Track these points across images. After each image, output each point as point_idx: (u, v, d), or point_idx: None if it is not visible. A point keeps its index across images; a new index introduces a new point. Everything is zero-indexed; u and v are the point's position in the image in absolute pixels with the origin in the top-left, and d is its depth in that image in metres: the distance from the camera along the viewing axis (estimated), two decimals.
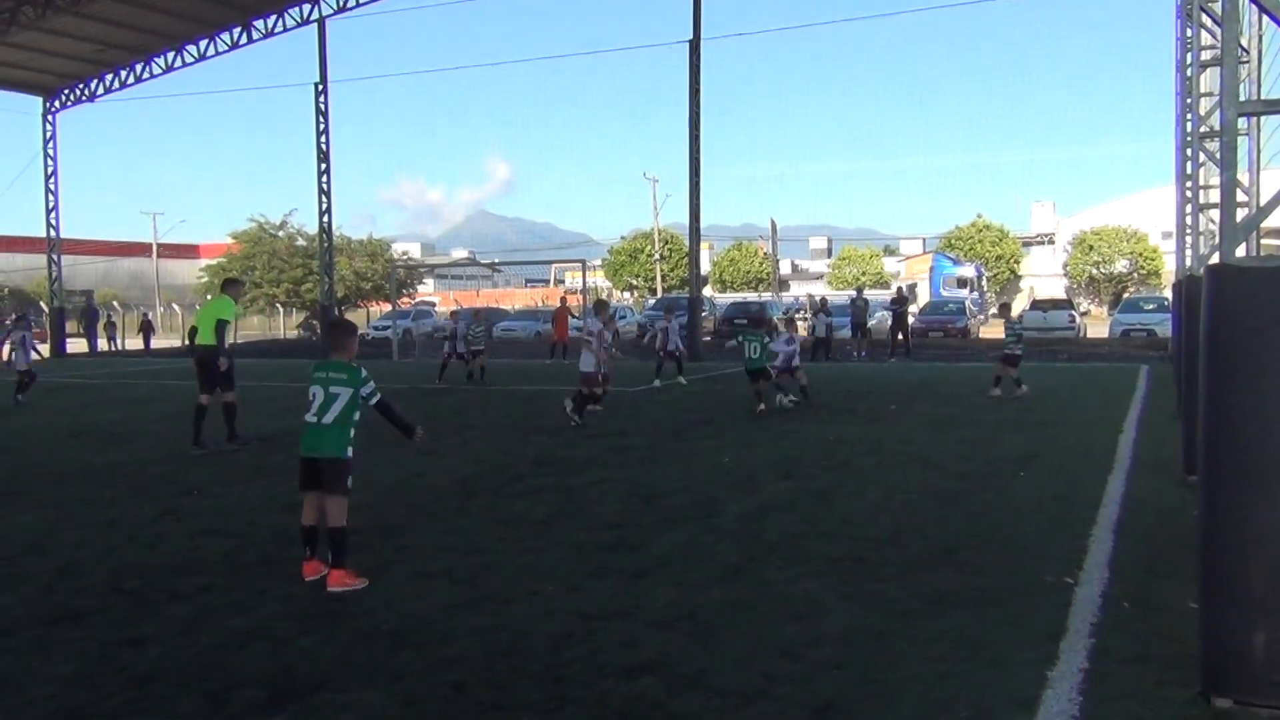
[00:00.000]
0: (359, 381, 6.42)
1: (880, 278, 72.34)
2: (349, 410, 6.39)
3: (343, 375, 6.42)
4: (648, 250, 77.36)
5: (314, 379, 6.43)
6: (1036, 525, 7.55)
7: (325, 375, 6.42)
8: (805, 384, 16.00)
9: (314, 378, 6.43)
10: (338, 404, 6.36)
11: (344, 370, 6.45)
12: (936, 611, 5.54)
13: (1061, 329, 35.78)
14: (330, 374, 6.42)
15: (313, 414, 6.37)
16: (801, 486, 9.26)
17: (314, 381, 6.42)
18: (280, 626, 5.51)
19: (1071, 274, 66.45)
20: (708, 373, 22.98)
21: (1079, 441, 11.64)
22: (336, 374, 6.42)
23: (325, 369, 6.47)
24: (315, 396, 6.37)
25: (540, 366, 26.08)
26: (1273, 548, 4.07)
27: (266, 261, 56.47)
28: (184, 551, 7.27)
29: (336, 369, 6.46)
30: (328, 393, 6.36)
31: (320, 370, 6.46)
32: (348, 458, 6.42)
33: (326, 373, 6.43)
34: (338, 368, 6.48)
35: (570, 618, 5.55)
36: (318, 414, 6.35)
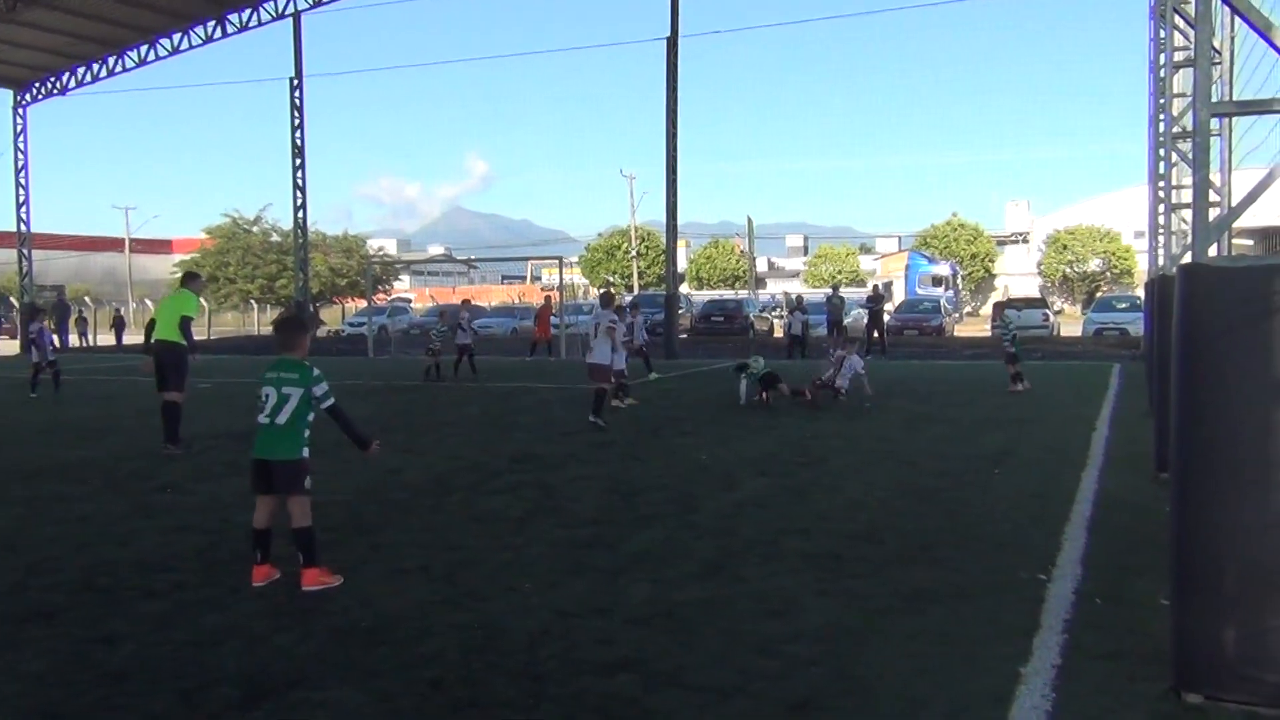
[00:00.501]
0: (310, 381, 6.27)
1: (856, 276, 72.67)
2: (302, 410, 6.24)
3: (294, 375, 6.28)
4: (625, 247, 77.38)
5: (265, 379, 6.30)
6: (1012, 522, 7.60)
7: (277, 375, 6.29)
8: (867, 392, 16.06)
9: (265, 378, 6.31)
10: (290, 404, 6.21)
11: (296, 369, 6.31)
12: (913, 608, 5.57)
13: (1035, 328, 36.00)
14: (282, 374, 6.29)
15: (265, 415, 6.24)
16: (778, 483, 9.28)
17: (265, 382, 6.29)
18: (255, 624, 5.48)
19: (1045, 273, 66.92)
20: (684, 370, 23.00)
21: (1053, 439, 11.73)
22: (288, 374, 6.29)
23: (277, 368, 6.33)
24: (268, 397, 6.24)
25: (519, 363, 26.02)
26: (1244, 544, 4.11)
27: (241, 257, 56.09)
28: (157, 548, 7.21)
29: (288, 368, 6.32)
30: (280, 393, 6.23)
31: (272, 370, 6.33)
32: (304, 458, 6.27)
33: (278, 372, 6.30)
34: (289, 367, 6.34)
35: (547, 615, 5.55)
36: (270, 415, 6.22)
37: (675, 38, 28.68)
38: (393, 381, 20.90)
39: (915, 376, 20.56)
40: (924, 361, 25.60)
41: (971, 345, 32.26)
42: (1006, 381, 17.24)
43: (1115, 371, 21.06)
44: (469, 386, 19.77)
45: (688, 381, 20.39)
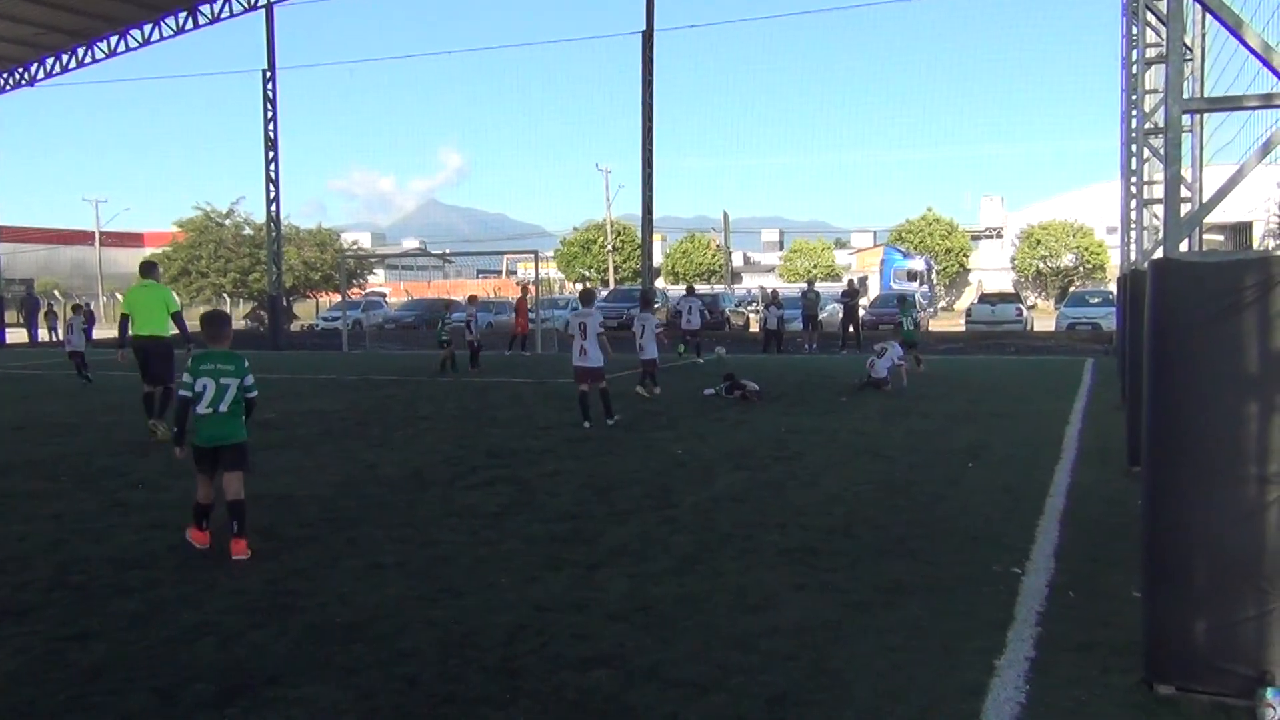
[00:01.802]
0: (244, 371, 6.87)
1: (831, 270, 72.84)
2: (239, 397, 6.84)
3: (230, 366, 6.81)
4: (600, 242, 77.28)
5: (200, 371, 6.76)
6: (985, 516, 7.66)
7: (214, 367, 6.78)
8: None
9: (200, 370, 6.76)
10: (230, 393, 6.79)
11: (231, 361, 6.84)
12: (888, 601, 5.61)
13: (1009, 322, 36.19)
14: (218, 365, 6.79)
15: (208, 405, 6.74)
16: (755, 478, 9.31)
17: (201, 374, 6.75)
18: (230, 621, 5.45)
19: (1019, 268, 67.30)
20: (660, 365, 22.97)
21: (1027, 433, 11.82)
22: (224, 365, 6.80)
23: (211, 360, 6.81)
24: (206, 389, 6.73)
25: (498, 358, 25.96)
26: (1215, 537, 4.17)
27: (213, 251, 55.59)
28: (131, 545, 7.16)
29: (223, 360, 6.83)
30: (219, 384, 6.75)
31: (207, 362, 6.80)
32: (247, 439, 6.98)
33: (214, 364, 6.79)
34: (224, 358, 6.84)
35: (524, 610, 5.55)
36: (212, 405, 6.75)
37: (650, 32, 28.70)
38: (368, 376, 20.80)
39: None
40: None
41: (946, 340, 32.44)
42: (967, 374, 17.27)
43: (1088, 366, 21.22)
44: (444, 382, 19.71)
45: (664, 376, 20.36)
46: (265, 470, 10.04)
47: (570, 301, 46.46)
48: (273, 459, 10.69)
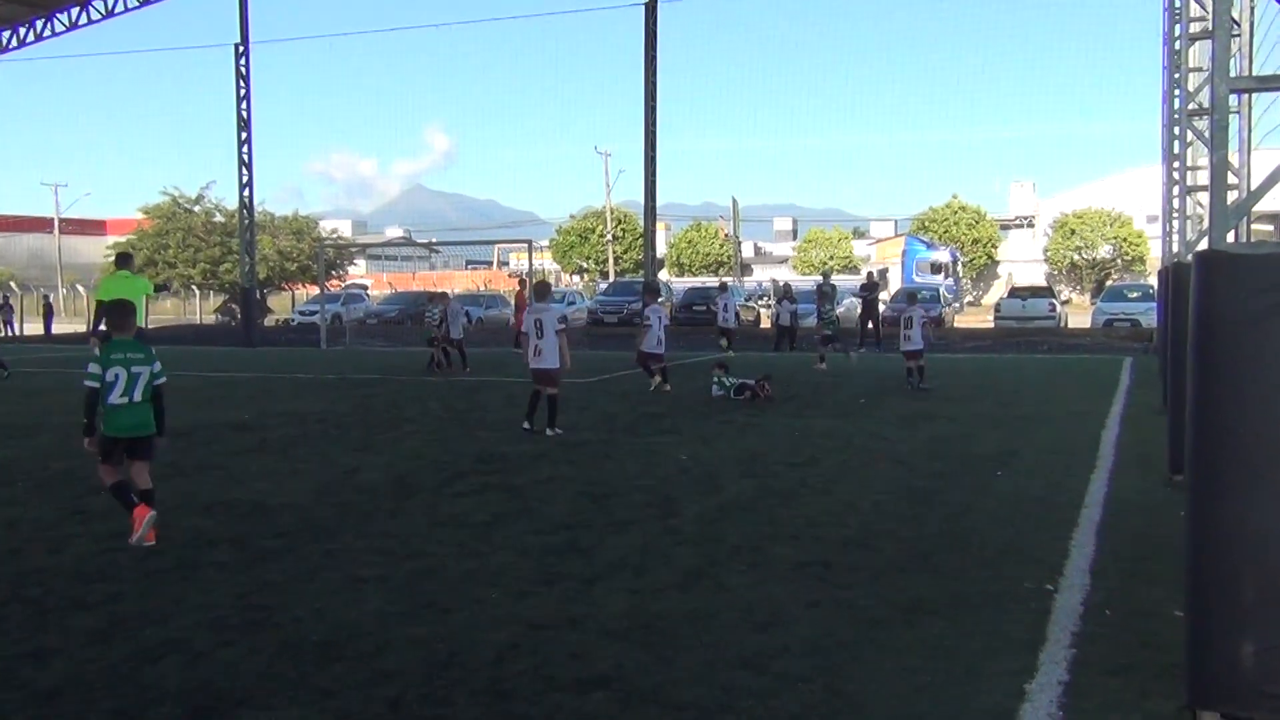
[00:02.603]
0: (153, 359, 7.37)
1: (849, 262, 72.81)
2: (148, 385, 7.29)
3: (140, 355, 7.29)
4: (599, 230, 77.28)
5: (111, 361, 7.16)
6: (1015, 528, 7.65)
7: (124, 356, 7.21)
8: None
9: (111, 359, 7.17)
10: (142, 381, 7.24)
11: (140, 350, 7.33)
12: (909, 620, 5.60)
13: (1041, 318, 36.18)
14: (129, 354, 7.24)
15: (122, 395, 7.16)
16: (765, 485, 9.31)
17: (112, 364, 7.15)
18: (198, 638, 5.45)
19: (1052, 259, 67.30)
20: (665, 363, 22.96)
21: (1059, 438, 11.81)
22: (134, 354, 7.27)
23: (122, 349, 7.26)
24: (119, 378, 7.15)
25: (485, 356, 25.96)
26: (1264, 552, 4.15)
27: (181, 239, 55.64)
28: (92, 556, 7.16)
29: (132, 349, 7.31)
30: (130, 373, 7.18)
31: (117, 351, 7.23)
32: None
33: (125, 353, 7.23)
34: (133, 347, 7.33)
35: (516, 627, 5.54)
36: (127, 394, 7.18)
37: (654, 2, 28.66)
38: (348, 375, 20.81)
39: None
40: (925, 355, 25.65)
41: (973, 337, 32.44)
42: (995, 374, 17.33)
43: (1126, 365, 21.22)
44: (431, 382, 19.72)
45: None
46: (237, 476, 10.05)
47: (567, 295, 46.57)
48: (246, 464, 10.70)
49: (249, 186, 34.28)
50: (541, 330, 12.37)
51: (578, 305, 45.08)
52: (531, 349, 12.46)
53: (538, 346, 12.38)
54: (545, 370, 12.43)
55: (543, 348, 12.37)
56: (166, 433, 7.73)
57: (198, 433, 12.84)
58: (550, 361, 12.38)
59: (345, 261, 63.70)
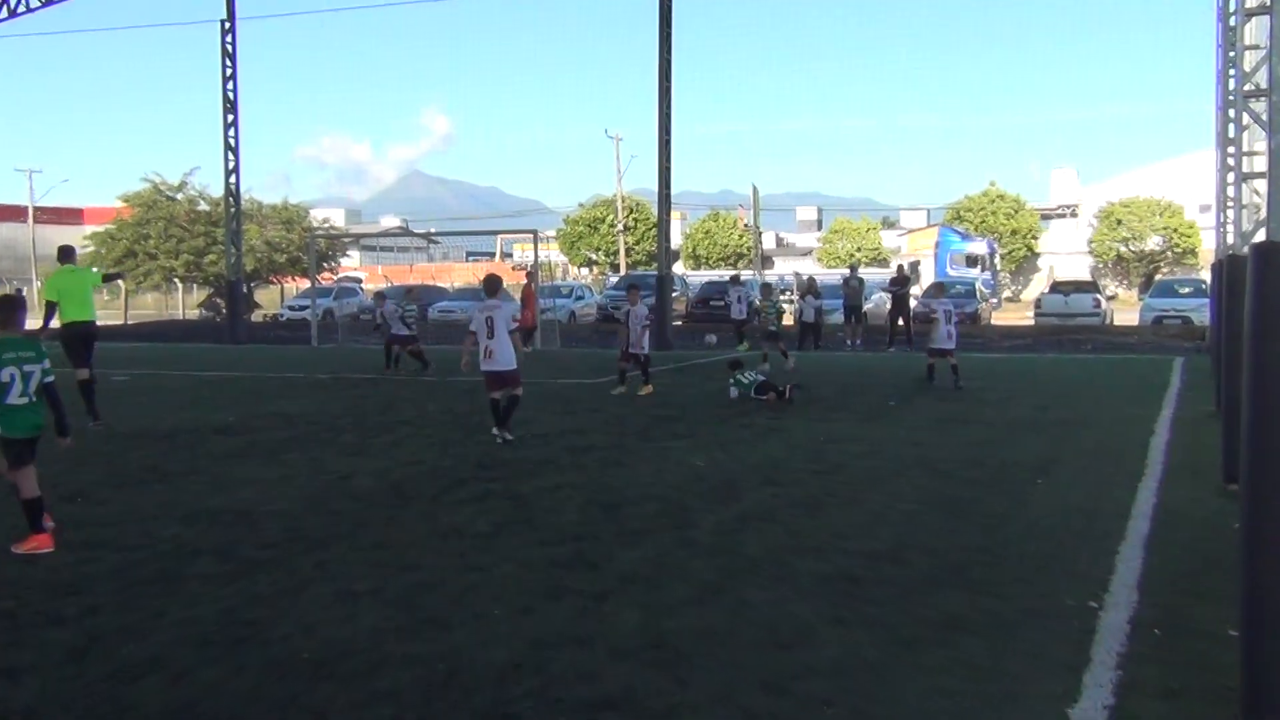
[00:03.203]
0: (44, 356, 7.59)
1: (878, 254, 72.73)
2: (40, 383, 7.52)
3: (30, 353, 7.51)
4: (609, 220, 77.32)
5: (4, 360, 7.35)
6: (1056, 540, 7.63)
7: (15, 355, 7.42)
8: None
9: (4, 359, 7.35)
10: (34, 379, 7.48)
11: (30, 348, 7.55)
12: (943, 639, 5.59)
13: (1085, 315, 36.08)
14: (19, 353, 7.45)
15: (19, 395, 7.38)
16: (787, 494, 9.30)
17: (5, 363, 7.34)
18: (180, 655, 5.47)
19: (1097, 252, 67.09)
20: (679, 362, 23.02)
21: (1105, 445, 11.78)
22: (25, 352, 7.49)
23: (12, 348, 7.44)
24: (13, 379, 7.35)
25: None
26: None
27: (163, 229, 55.79)
28: (67, 567, 7.19)
29: (23, 347, 7.52)
30: (23, 371, 7.41)
31: (8, 350, 7.42)
32: None
33: (15, 352, 7.43)
34: (22, 345, 7.55)
35: (520, 645, 5.55)
36: (24, 394, 7.41)
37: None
38: (341, 374, 20.86)
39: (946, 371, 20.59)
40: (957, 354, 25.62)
41: (1011, 335, 32.36)
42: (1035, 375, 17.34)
43: (1177, 366, 21.15)
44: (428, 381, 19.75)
45: (683, 375, 20.40)
46: (222, 482, 10.08)
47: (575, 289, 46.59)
48: (231, 469, 10.73)
49: (235, 173, 34.35)
50: (492, 329, 12.05)
51: (586, 300, 45.11)
52: (482, 350, 12.14)
53: (488, 348, 12.08)
54: (499, 373, 12.21)
55: (494, 349, 12.07)
56: (70, 432, 7.96)
57: (180, 435, 12.88)
58: (504, 363, 12.14)
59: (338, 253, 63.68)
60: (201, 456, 11.51)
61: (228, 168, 34.21)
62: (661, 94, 28.80)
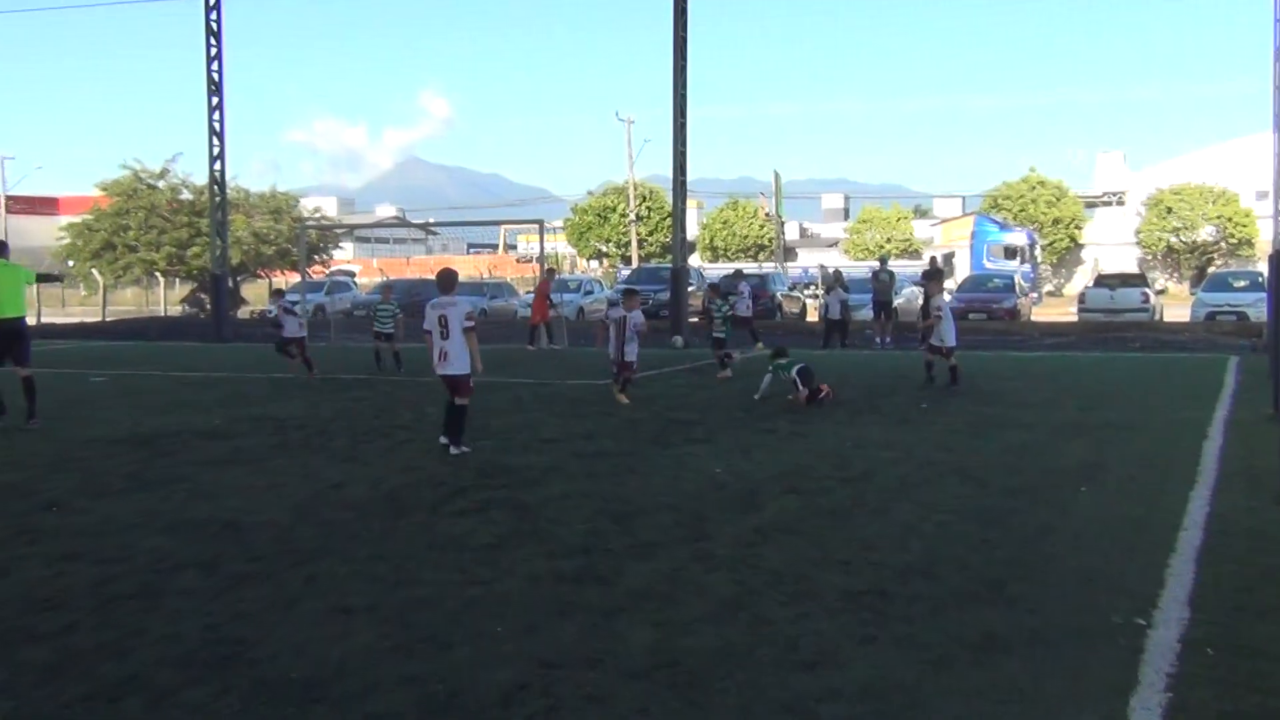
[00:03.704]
0: None
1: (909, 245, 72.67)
2: None
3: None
4: (621, 209, 77.36)
5: None
6: (1101, 552, 7.61)
7: None
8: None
9: None
10: None
11: None
12: (979, 659, 5.59)
13: (1132, 311, 36.00)
14: None
15: None
16: (811, 503, 9.30)
17: None
18: (162, 675, 5.49)
19: (1145, 242, 66.94)
20: (695, 362, 23.02)
21: (1154, 449, 11.74)
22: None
23: None
24: None
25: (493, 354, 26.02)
26: None
27: (143, 219, 55.95)
28: (42, 581, 7.22)
29: None
30: None
31: None
32: None
33: None
34: None
35: (525, 665, 5.56)
36: None
37: None
38: (333, 374, 20.91)
39: (982, 371, 20.57)
40: (993, 352, 25.60)
41: (1053, 332, 32.29)
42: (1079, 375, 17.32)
43: (1231, 366, 21.06)
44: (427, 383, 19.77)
45: (700, 376, 20.40)
46: (207, 490, 10.11)
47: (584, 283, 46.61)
48: (216, 476, 10.76)
49: (220, 159, 34.44)
50: (447, 329, 11.75)
51: (596, 295, 45.12)
52: (437, 353, 11.84)
53: (443, 349, 11.80)
54: (449, 377, 11.92)
55: (448, 350, 11.78)
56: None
57: (161, 440, 12.92)
58: (457, 368, 11.82)
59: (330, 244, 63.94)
60: (184, 463, 11.54)
61: (212, 154, 34.29)
62: (676, 73, 28.79)
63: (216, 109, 33.97)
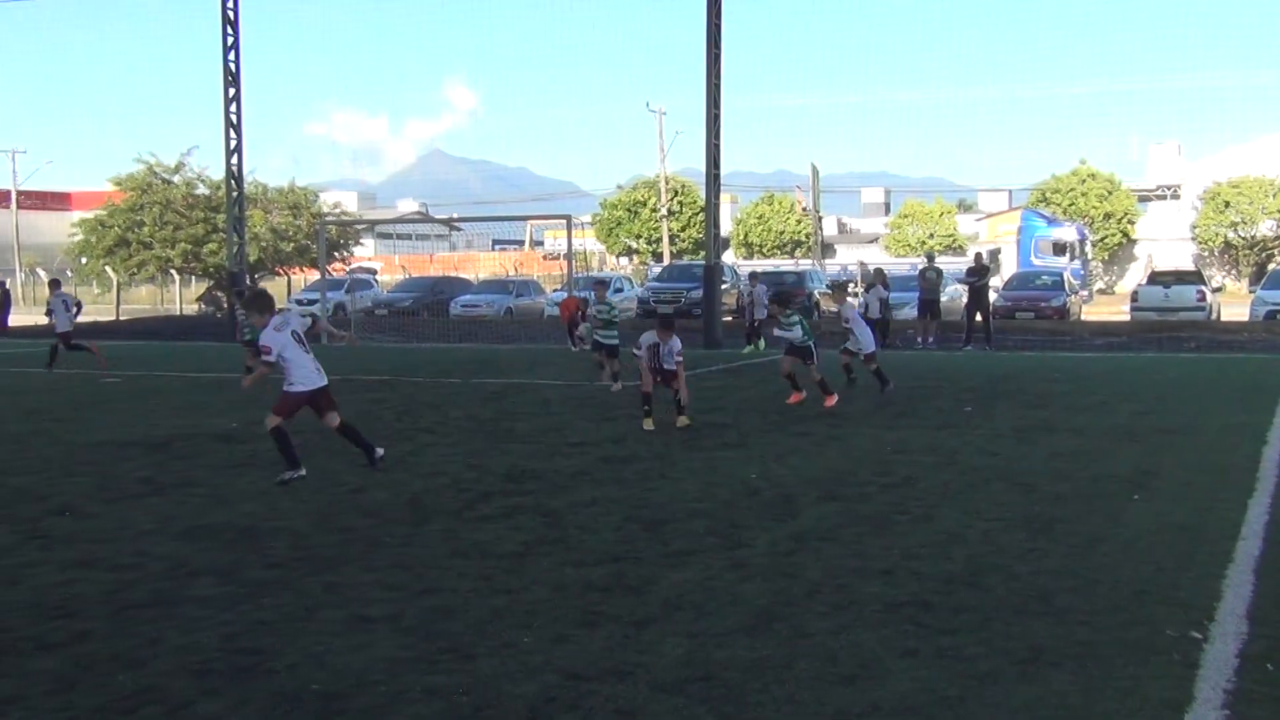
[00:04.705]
0: None
1: (953, 241, 72.37)
2: None
3: None
4: (652, 204, 77.39)
5: None
6: (1155, 563, 7.56)
7: None
8: None
9: None
10: None
11: None
12: (1025, 673, 5.56)
13: (1187, 309, 35.79)
14: None
15: None
16: (850, 510, 9.28)
17: None
18: (177, 686, 5.52)
19: (1201, 238, 66.50)
20: (729, 363, 23.01)
21: (1210, 455, 11.66)
22: None
23: None
24: None
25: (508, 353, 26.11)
26: None
27: (158, 215, 56.42)
28: (54, 588, 7.27)
29: None
30: None
31: None
32: None
33: None
34: None
35: (552, 677, 5.57)
36: None
37: None
38: (353, 376, 20.99)
39: (1029, 372, 20.49)
40: (1041, 353, 25.50)
41: (1104, 332, 32.11)
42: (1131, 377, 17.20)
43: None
44: (452, 384, 19.84)
45: (734, 377, 20.40)
46: (223, 495, 10.17)
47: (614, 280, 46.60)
48: (233, 481, 10.82)
49: (238, 153, 34.65)
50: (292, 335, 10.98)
51: (626, 293, 45.13)
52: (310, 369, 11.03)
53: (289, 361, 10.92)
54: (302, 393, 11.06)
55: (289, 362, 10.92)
56: None
57: (176, 444, 13.01)
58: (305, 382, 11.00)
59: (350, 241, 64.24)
60: (200, 467, 11.62)
61: (229, 147, 34.50)
62: (710, 63, 28.77)
63: (233, 101, 34.15)
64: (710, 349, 27.27)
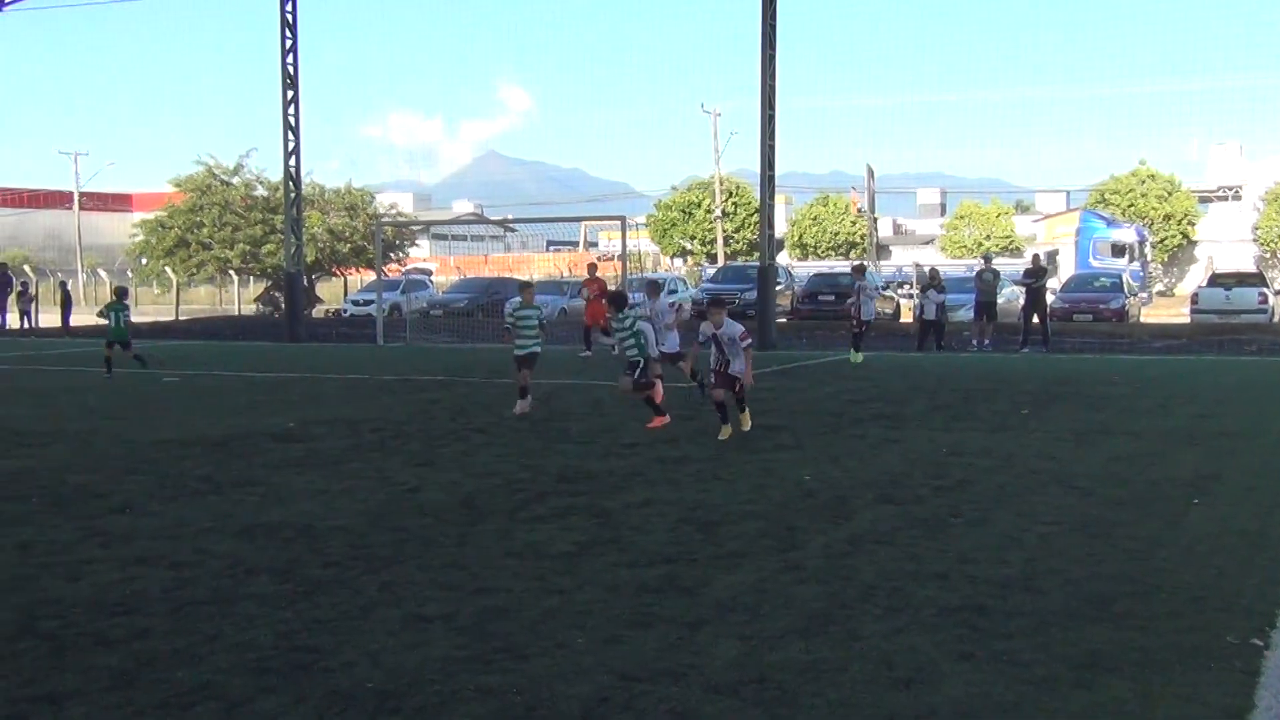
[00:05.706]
0: None
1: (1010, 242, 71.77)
2: None
3: None
4: (706, 205, 77.29)
5: None
6: (1215, 568, 7.48)
7: None
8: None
9: None
10: None
11: None
12: (1082, 679, 5.51)
13: (1249, 312, 35.36)
14: None
15: None
16: (905, 513, 9.23)
17: None
18: (235, 683, 5.57)
19: (1264, 239, 65.63)
20: (783, 365, 22.95)
21: (1271, 459, 11.52)
22: None
23: None
24: None
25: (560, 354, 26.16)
26: None
27: (217, 216, 57.03)
28: (114, 584, 7.36)
29: None
30: None
31: None
32: None
33: None
34: None
35: (605, 678, 5.57)
36: None
37: None
38: (409, 376, 21.14)
39: (1088, 375, 20.30)
40: (1100, 355, 25.25)
41: (1164, 334, 31.75)
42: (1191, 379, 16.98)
43: None
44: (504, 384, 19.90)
45: (788, 379, 20.34)
46: (280, 494, 10.26)
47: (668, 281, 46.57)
48: (290, 480, 10.91)
49: (295, 154, 34.92)
50: None
51: (680, 294, 45.04)
52: None
53: None
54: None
55: None
56: None
57: (234, 443, 13.14)
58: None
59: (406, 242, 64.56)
60: (258, 466, 11.73)
61: (287, 149, 34.79)
62: (765, 63, 28.70)
63: (292, 103, 34.41)
64: (764, 351, 27.19)
